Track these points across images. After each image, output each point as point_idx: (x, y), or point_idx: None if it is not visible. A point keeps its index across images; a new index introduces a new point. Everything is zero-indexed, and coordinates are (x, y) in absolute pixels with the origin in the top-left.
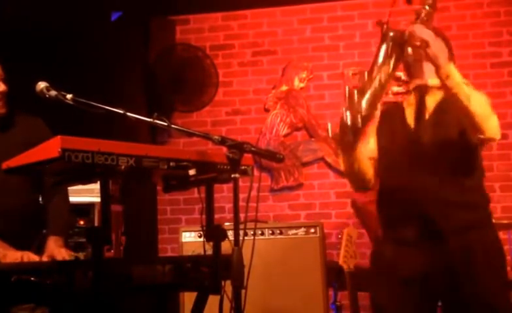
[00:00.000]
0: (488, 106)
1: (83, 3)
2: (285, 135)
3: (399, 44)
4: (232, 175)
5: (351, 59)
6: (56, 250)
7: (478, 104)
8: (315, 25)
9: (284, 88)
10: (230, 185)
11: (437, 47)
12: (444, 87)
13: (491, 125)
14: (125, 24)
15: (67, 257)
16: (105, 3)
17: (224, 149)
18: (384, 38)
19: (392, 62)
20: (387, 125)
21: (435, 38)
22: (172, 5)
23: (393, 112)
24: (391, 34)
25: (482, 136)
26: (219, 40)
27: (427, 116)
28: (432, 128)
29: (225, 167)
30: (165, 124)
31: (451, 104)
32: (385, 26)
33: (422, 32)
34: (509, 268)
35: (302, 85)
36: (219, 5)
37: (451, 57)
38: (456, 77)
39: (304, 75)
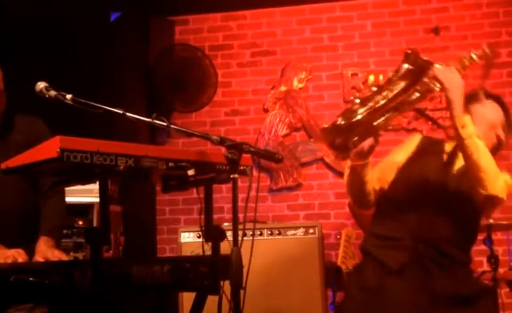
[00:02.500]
0: (495, 166)
1: (83, 3)
2: (284, 136)
3: (419, 71)
4: (231, 176)
5: (350, 60)
6: (49, 251)
7: (486, 158)
8: (314, 26)
9: (283, 88)
10: (229, 185)
11: (456, 95)
12: (457, 135)
13: (495, 183)
14: (125, 24)
15: (62, 257)
16: (105, 3)
17: (223, 149)
18: (406, 58)
19: (404, 83)
20: (419, 157)
21: (459, 88)
22: (171, 5)
23: (430, 149)
24: (414, 56)
25: (484, 192)
26: (218, 41)
27: (456, 168)
28: (457, 181)
29: (224, 167)
30: (164, 124)
31: None
32: (411, 52)
33: (441, 73)
34: (507, 268)
35: (300, 85)
36: (218, 5)
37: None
38: (470, 129)
39: (302, 76)
